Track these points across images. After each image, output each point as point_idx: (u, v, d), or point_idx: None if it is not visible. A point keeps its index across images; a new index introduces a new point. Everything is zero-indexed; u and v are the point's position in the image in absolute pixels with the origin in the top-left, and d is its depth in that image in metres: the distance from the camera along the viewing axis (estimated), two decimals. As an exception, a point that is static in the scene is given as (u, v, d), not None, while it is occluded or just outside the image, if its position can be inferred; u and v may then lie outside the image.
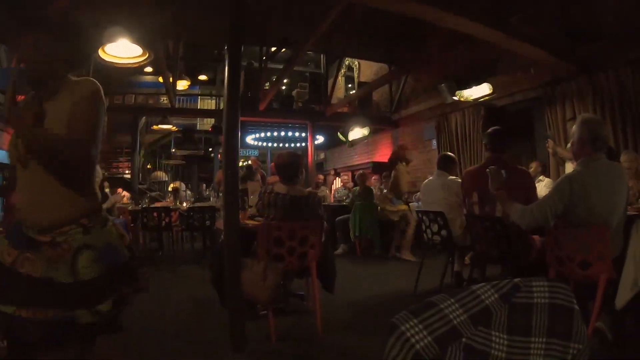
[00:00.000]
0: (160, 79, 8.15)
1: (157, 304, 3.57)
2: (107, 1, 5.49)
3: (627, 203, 2.43)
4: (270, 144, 12.23)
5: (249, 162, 7.15)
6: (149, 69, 13.11)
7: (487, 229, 2.94)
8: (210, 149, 15.97)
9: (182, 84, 8.86)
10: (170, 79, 7.84)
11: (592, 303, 2.21)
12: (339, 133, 8.60)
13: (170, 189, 8.79)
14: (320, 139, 11.04)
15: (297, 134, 10.86)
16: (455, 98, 6.34)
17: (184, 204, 6.65)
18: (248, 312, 2.85)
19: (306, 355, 2.60)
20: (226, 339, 2.55)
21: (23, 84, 1.43)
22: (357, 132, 8.02)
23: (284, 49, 8.71)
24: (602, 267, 2.17)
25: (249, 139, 11.47)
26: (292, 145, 11.44)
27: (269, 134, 11.16)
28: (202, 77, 16.01)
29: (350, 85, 12.17)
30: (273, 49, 8.61)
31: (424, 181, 4.38)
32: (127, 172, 12.94)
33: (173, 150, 15.40)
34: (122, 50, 3.81)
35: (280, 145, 11.75)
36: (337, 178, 10.83)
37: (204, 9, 6.28)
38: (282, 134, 11.03)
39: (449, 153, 4.44)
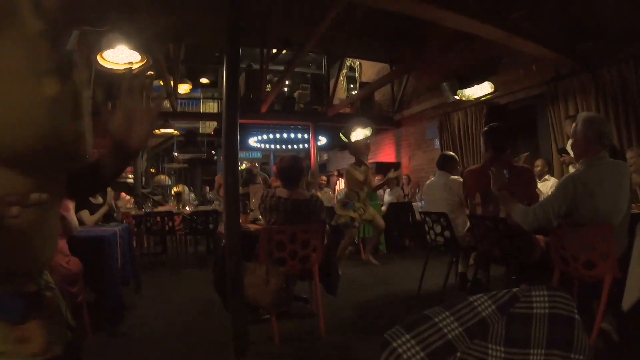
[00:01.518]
0: (161, 83, 8.13)
1: (160, 307, 3.58)
2: (106, 5, 5.50)
3: (631, 201, 2.40)
4: (272, 146, 12.21)
5: (249, 165, 7.11)
6: (150, 73, 13.12)
7: (489, 229, 2.92)
8: (214, 152, 15.96)
9: (184, 88, 8.82)
10: (172, 83, 7.84)
11: (597, 303, 2.18)
12: (341, 134, 8.56)
13: (173, 192, 8.81)
14: (322, 140, 11.02)
15: (299, 135, 10.85)
16: (457, 97, 6.29)
17: (187, 208, 6.66)
18: (250, 316, 2.84)
19: (309, 357, 2.59)
20: (229, 342, 2.55)
21: None
22: (359, 133, 7.97)
23: (284, 51, 8.71)
24: (607, 267, 2.15)
25: (252, 141, 11.45)
26: (295, 147, 11.43)
27: (271, 136, 11.13)
28: (204, 80, 16.01)
29: (352, 86, 12.15)
30: (274, 50, 8.60)
31: (427, 182, 4.36)
32: (130, 176, 12.97)
33: (176, 153, 15.39)
34: (120, 56, 3.80)
35: (283, 147, 11.73)
36: (340, 179, 10.80)
37: (203, 10, 6.28)
38: (285, 135, 11.01)
39: (448, 152, 4.40)
